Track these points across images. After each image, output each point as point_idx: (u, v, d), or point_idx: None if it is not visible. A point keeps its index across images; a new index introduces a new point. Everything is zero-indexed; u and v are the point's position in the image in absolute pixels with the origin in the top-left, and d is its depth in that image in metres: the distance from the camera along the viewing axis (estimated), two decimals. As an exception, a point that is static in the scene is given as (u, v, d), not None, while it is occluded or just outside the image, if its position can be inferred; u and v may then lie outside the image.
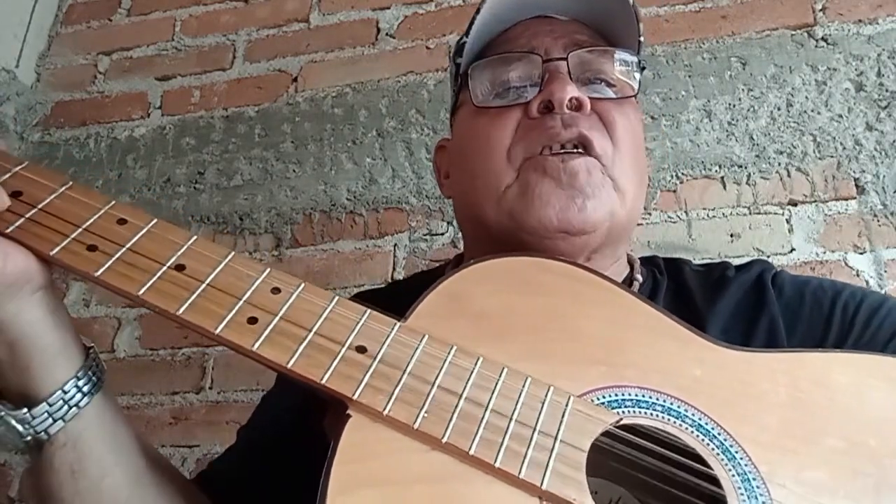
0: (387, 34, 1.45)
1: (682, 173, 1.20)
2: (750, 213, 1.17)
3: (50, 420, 0.51)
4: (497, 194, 0.68)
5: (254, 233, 1.36)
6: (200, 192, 1.41)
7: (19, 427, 0.51)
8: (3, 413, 0.51)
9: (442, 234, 1.27)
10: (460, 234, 1.25)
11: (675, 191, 1.20)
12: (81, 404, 0.53)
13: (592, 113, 0.68)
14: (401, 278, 1.25)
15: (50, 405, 0.51)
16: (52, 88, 1.60)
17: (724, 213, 1.18)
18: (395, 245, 1.28)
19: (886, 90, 1.17)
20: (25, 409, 0.51)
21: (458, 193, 0.78)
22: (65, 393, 0.52)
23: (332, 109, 1.41)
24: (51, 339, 0.53)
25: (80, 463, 0.53)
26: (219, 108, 1.48)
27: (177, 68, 1.55)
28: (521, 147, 0.68)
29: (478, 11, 0.71)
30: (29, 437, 0.51)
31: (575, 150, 0.66)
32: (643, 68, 0.73)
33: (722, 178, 1.19)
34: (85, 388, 0.53)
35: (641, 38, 0.73)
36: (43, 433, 0.51)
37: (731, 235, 1.16)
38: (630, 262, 0.77)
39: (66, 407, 0.52)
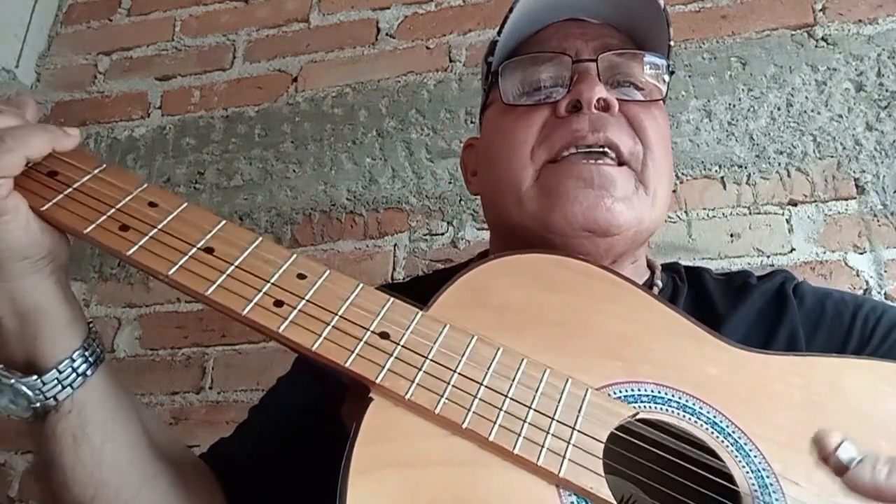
0: (387, 34, 1.45)
1: (682, 173, 1.21)
2: (750, 213, 1.17)
3: (59, 387, 0.53)
4: (518, 195, 0.69)
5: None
6: (200, 192, 1.41)
7: (30, 393, 0.53)
8: (13, 381, 0.53)
9: (442, 234, 1.27)
10: (460, 234, 1.26)
11: (675, 191, 1.20)
12: (88, 373, 0.55)
13: (621, 115, 0.68)
14: (401, 278, 1.26)
15: (60, 372, 0.53)
16: (52, 88, 1.60)
17: (724, 213, 1.18)
18: (395, 245, 1.29)
19: (886, 90, 1.17)
20: (36, 376, 0.53)
21: (483, 191, 0.79)
22: (73, 361, 0.54)
23: (332, 109, 1.41)
24: (62, 312, 0.55)
25: (83, 429, 0.55)
26: (219, 108, 1.48)
27: (177, 68, 1.55)
28: (544, 146, 0.68)
29: (511, 11, 0.71)
30: (38, 404, 0.53)
31: (600, 150, 0.66)
32: (672, 72, 0.74)
33: (722, 178, 1.19)
34: (91, 359, 0.55)
35: (671, 43, 0.73)
36: (52, 399, 0.53)
37: (731, 235, 1.16)
38: (651, 268, 0.77)
39: (73, 374, 0.54)
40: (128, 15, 1.63)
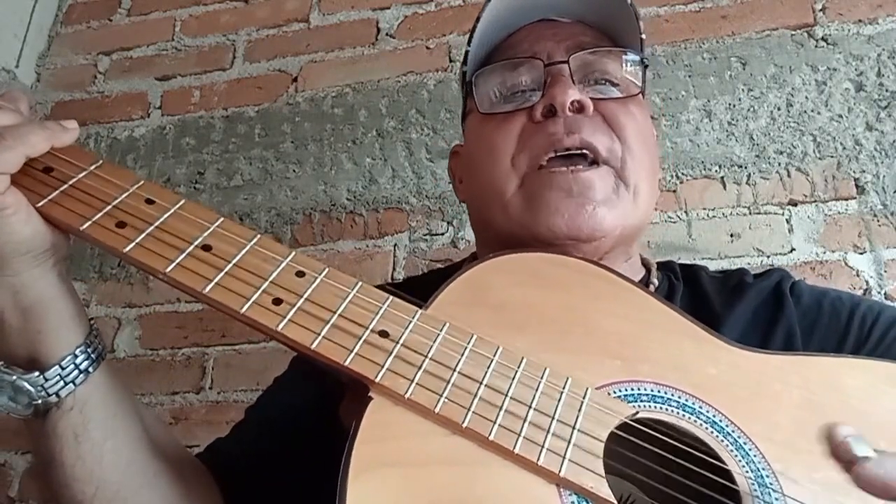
0: (387, 34, 1.45)
1: (682, 173, 1.21)
2: (750, 213, 1.17)
3: (61, 383, 0.53)
4: (502, 202, 0.69)
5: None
6: (200, 192, 1.41)
7: (31, 389, 0.52)
8: (15, 377, 0.52)
9: (442, 234, 1.27)
10: (460, 234, 1.26)
11: (675, 191, 1.20)
12: (90, 369, 0.54)
13: (597, 115, 0.68)
14: (401, 279, 1.25)
15: (62, 368, 0.53)
16: (52, 88, 1.60)
17: (724, 213, 1.18)
18: (395, 245, 1.29)
19: (886, 90, 1.17)
20: (38, 373, 0.52)
21: (469, 199, 0.80)
22: (75, 357, 0.54)
23: (332, 109, 1.41)
24: (64, 306, 0.55)
25: (85, 426, 0.54)
26: (219, 108, 1.48)
27: (177, 68, 1.55)
28: (525, 154, 0.68)
29: (478, 19, 0.71)
30: (39, 401, 0.53)
31: (579, 154, 0.66)
32: (646, 66, 0.73)
33: (722, 178, 1.19)
34: (93, 355, 0.55)
35: (643, 36, 0.73)
36: (54, 395, 0.53)
37: (731, 235, 1.16)
38: (647, 266, 0.77)
39: (76, 371, 0.54)
40: (128, 15, 1.63)
